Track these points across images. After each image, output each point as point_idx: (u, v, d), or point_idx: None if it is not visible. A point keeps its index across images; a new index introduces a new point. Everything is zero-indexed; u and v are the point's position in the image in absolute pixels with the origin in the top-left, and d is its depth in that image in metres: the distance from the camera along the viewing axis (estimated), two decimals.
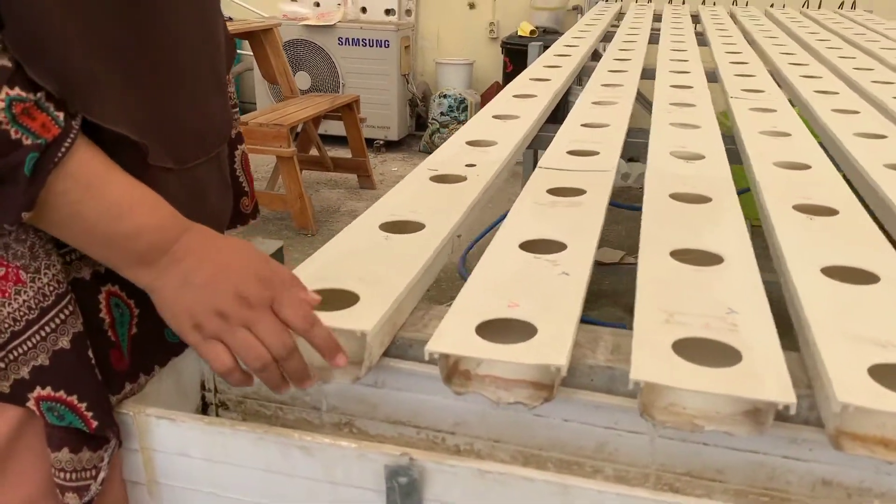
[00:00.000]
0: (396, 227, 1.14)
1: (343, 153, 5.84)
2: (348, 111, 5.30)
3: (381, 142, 6.50)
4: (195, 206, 0.98)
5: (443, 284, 3.30)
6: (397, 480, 0.77)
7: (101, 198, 0.77)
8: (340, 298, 0.92)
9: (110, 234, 0.79)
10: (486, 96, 6.71)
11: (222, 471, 0.85)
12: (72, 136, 0.74)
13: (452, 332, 0.84)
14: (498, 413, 0.93)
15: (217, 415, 1.05)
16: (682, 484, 0.90)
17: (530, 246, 1.10)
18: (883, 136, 1.66)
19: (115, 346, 0.88)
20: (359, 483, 0.80)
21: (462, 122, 6.25)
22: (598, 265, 2.67)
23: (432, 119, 6.31)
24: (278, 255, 1.03)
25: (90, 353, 0.85)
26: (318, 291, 0.92)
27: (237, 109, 1.16)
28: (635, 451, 0.89)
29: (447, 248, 1.16)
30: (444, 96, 6.22)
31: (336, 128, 5.79)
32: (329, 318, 0.85)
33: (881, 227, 1.15)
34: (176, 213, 0.84)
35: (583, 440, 0.90)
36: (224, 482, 0.85)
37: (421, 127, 6.82)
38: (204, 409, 1.05)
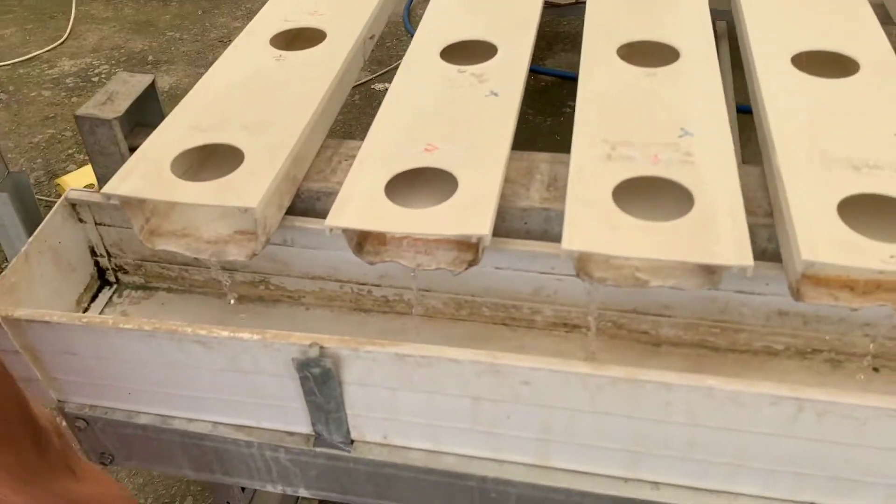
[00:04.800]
0: (291, 38, 0.95)
1: None
2: None
3: None
4: None
5: (387, 42, 3.05)
6: (310, 371, 0.69)
7: None
8: (224, 154, 0.77)
9: None
10: None
11: (116, 366, 0.76)
12: None
13: (357, 199, 0.71)
14: None
15: (116, 279, 0.94)
16: (628, 320, 0.83)
17: (455, 52, 0.92)
18: None
19: None
20: (270, 371, 0.72)
21: None
22: (553, 6, 2.43)
23: None
24: (152, 89, 0.86)
25: None
26: (196, 149, 0.77)
27: None
28: (576, 292, 0.81)
29: (358, 57, 0.98)
30: None
31: None
32: (208, 191, 0.70)
33: None
34: None
35: (518, 286, 0.82)
36: (122, 374, 0.77)
37: None
38: (100, 274, 0.94)
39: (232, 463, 0.82)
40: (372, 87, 2.79)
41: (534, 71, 2.70)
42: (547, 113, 2.58)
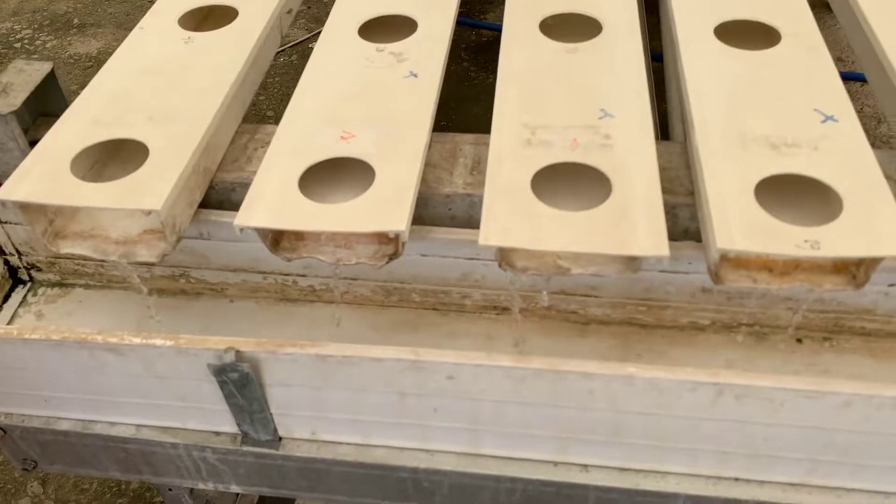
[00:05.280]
0: (202, 18, 0.90)
1: None
2: None
3: None
4: None
5: None
6: (227, 376, 0.67)
7: None
8: (133, 146, 0.73)
9: None
10: None
11: (28, 375, 0.73)
12: None
13: (268, 195, 0.68)
14: None
15: (29, 278, 0.90)
16: (556, 301, 0.83)
17: (373, 28, 0.89)
18: None
19: None
20: (188, 376, 0.70)
21: None
22: None
23: None
24: (52, 78, 0.81)
25: None
26: (101, 144, 0.73)
27: None
28: (504, 276, 0.80)
29: (274, 34, 0.94)
30: None
31: None
32: (110, 193, 0.67)
33: None
34: None
35: (446, 272, 0.80)
36: (35, 383, 0.74)
37: None
38: (12, 273, 0.89)
39: (160, 464, 0.80)
40: (309, 45, 2.71)
41: (475, 26, 2.64)
42: (490, 69, 2.54)
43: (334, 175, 0.74)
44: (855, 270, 0.65)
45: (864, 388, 0.62)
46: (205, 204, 0.78)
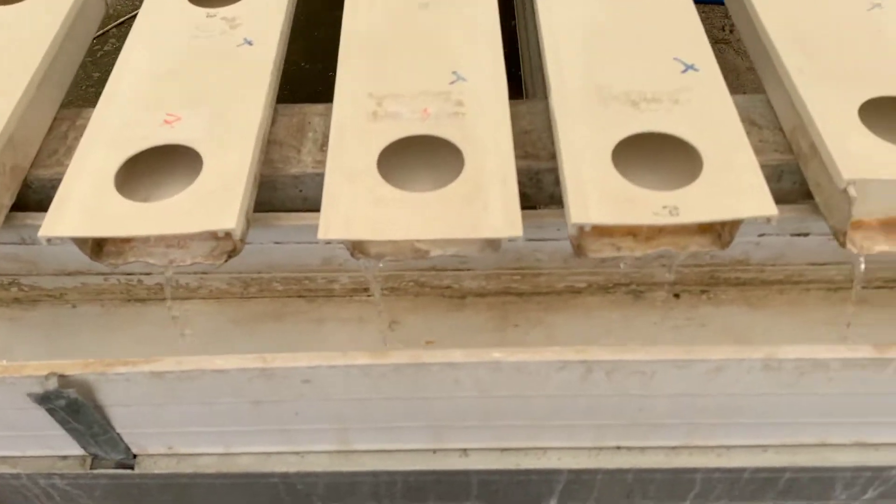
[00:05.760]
0: None
1: None
2: None
3: None
4: None
5: None
6: (55, 404, 0.60)
7: None
8: None
9: None
10: None
11: None
12: None
13: (79, 196, 0.60)
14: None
15: None
16: (428, 278, 0.78)
17: None
18: None
19: None
20: (10, 406, 0.62)
21: None
22: None
23: None
24: None
25: None
26: None
27: None
28: None
29: (95, 2, 0.83)
30: None
31: None
32: None
33: None
34: None
35: (305, 258, 0.74)
36: None
37: None
38: None
39: (3, 495, 0.73)
40: None
41: None
42: None
43: (163, 165, 0.66)
44: (720, 230, 0.63)
45: (733, 352, 0.60)
46: (23, 206, 0.70)
